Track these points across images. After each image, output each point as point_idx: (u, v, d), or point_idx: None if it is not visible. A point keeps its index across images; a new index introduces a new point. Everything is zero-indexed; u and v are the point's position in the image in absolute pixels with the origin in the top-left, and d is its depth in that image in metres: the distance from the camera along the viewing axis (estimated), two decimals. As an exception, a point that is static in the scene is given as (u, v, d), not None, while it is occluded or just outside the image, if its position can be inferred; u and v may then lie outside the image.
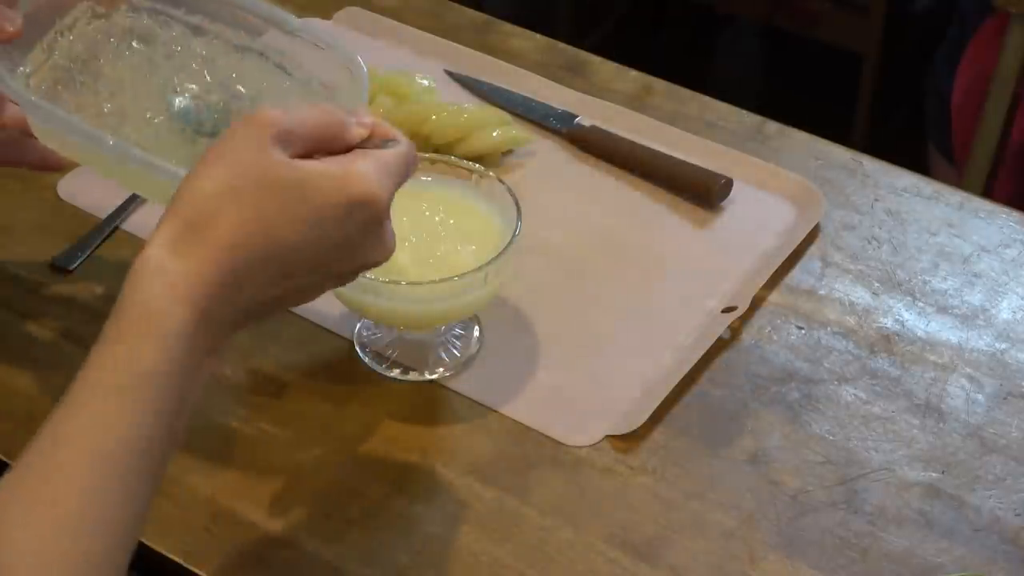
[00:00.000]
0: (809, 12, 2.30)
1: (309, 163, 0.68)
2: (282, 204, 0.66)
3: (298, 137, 0.68)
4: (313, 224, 0.67)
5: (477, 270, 0.86)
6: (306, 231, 0.67)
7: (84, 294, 0.98)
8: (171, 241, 0.65)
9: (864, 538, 0.84)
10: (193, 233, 0.65)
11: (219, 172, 0.66)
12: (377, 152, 0.70)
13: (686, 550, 0.83)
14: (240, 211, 0.65)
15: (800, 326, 0.98)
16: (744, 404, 0.92)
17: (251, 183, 0.66)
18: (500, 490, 0.86)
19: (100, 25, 0.85)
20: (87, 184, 1.06)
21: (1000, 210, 1.08)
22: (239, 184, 0.66)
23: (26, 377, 0.93)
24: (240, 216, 0.65)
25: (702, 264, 1.02)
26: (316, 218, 0.67)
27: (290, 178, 0.66)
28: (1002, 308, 1.00)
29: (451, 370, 0.94)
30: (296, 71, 0.84)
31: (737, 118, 1.15)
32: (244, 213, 0.65)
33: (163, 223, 0.66)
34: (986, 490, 0.87)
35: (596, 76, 1.19)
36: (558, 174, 1.10)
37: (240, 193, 0.66)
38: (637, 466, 0.88)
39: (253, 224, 0.65)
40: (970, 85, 1.74)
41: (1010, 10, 1.55)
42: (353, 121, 0.71)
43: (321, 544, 0.83)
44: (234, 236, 0.65)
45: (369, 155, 0.70)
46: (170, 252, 0.65)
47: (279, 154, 0.67)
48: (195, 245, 0.65)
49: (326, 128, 0.69)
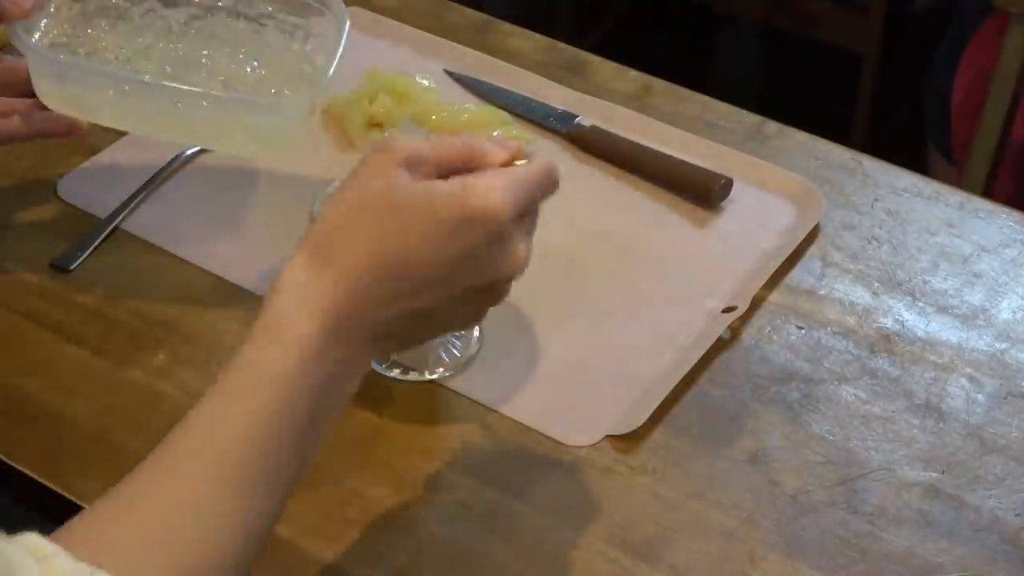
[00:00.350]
0: (809, 12, 2.30)
1: (434, 182, 0.70)
2: (403, 220, 0.69)
3: (427, 160, 0.71)
4: (432, 239, 0.69)
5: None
6: (427, 245, 0.69)
7: (84, 294, 0.98)
8: (304, 264, 0.69)
9: (864, 538, 0.84)
10: (323, 254, 0.69)
11: (348, 197, 0.70)
12: (507, 169, 0.72)
13: (686, 550, 0.83)
14: (365, 230, 0.69)
15: (800, 326, 0.98)
16: (744, 404, 0.92)
17: (375, 203, 0.69)
18: (500, 490, 0.86)
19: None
20: (87, 184, 1.06)
21: (1000, 210, 1.08)
22: (365, 205, 0.69)
23: (26, 377, 0.93)
24: (365, 235, 0.69)
25: (702, 264, 1.02)
26: (434, 233, 0.69)
27: (412, 195, 0.69)
28: (1002, 308, 1.00)
29: (451, 370, 0.94)
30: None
31: (737, 118, 1.15)
32: (369, 231, 0.69)
33: (299, 247, 0.70)
34: (986, 490, 0.87)
35: (596, 76, 1.19)
36: (558, 174, 1.10)
37: (365, 214, 0.69)
38: (637, 466, 0.88)
39: (377, 241, 0.69)
40: (970, 85, 1.74)
41: (1010, 10, 1.55)
42: (494, 146, 0.73)
43: (321, 544, 0.83)
44: (359, 254, 0.69)
45: (497, 171, 0.72)
46: (302, 271, 0.69)
47: (404, 176, 0.70)
48: (325, 264, 0.69)
49: (460, 153, 0.72)
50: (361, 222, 0.69)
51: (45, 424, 0.90)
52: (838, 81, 2.33)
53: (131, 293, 0.98)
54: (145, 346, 0.95)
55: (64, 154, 1.08)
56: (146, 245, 1.02)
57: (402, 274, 0.69)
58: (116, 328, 0.96)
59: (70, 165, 1.08)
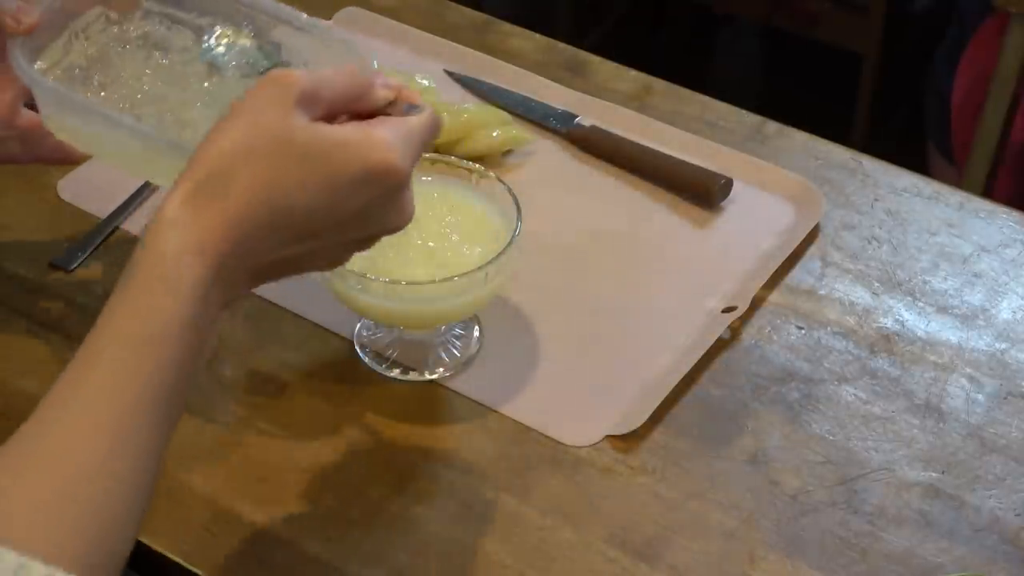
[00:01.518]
0: (809, 12, 2.30)
1: (330, 128, 0.67)
2: (299, 168, 0.66)
3: (322, 99, 0.68)
4: (330, 191, 0.66)
5: (477, 270, 0.86)
6: (322, 197, 0.66)
7: (84, 294, 0.98)
8: (188, 197, 0.66)
9: (864, 538, 0.84)
10: (209, 190, 0.66)
11: (238, 131, 0.66)
12: (400, 120, 0.69)
13: (686, 550, 0.83)
14: (256, 172, 0.66)
15: (800, 326, 0.98)
16: (744, 404, 0.92)
17: (270, 144, 0.66)
18: (500, 490, 0.86)
19: (114, 32, 0.85)
20: (87, 184, 1.06)
21: (1000, 210, 1.08)
22: (257, 144, 0.66)
23: (26, 377, 0.92)
24: (256, 177, 0.66)
25: (702, 264, 1.02)
26: (333, 184, 0.66)
27: (309, 143, 0.66)
28: (1002, 308, 1.00)
29: (451, 370, 0.94)
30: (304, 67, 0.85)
31: (737, 118, 1.15)
32: (260, 174, 0.66)
33: (181, 179, 0.66)
34: (986, 490, 0.87)
35: (596, 76, 1.19)
36: (558, 174, 1.10)
37: (258, 154, 0.66)
38: (637, 466, 0.88)
39: (269, 186, 0.66)
40: (970, 85, 1.74)
41: (1010, 10, 1.55)
42: (379, 83, 0.70)
43: (321, 544, 0.83)
44: (249, 196, 0.65)
45: (391, 122, 0.69)
46: (186, 208, 0.65)
47: (300, 117, 0.67)
48: (211, 202, 0.65)
49: (351, 89, 0.69)
50: (252, 159, 0.66)
51: (45, 424, 0.90)
52: (838, 81, 2.33)
53: (131, 293, 0.98)
54: (145, 346, 0.94)
55: (64, 154, 1.08)
56: (146, 245, 1.02)
57: (291, 220, 0.66)
58: (116, 328, 0.96)
59: (70, 165, 1.08)
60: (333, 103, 0.68)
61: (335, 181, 0.66)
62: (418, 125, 0.70)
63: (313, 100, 0.67)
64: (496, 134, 1.09)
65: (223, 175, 0.66)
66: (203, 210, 0.65)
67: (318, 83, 0.68)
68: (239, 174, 0.65)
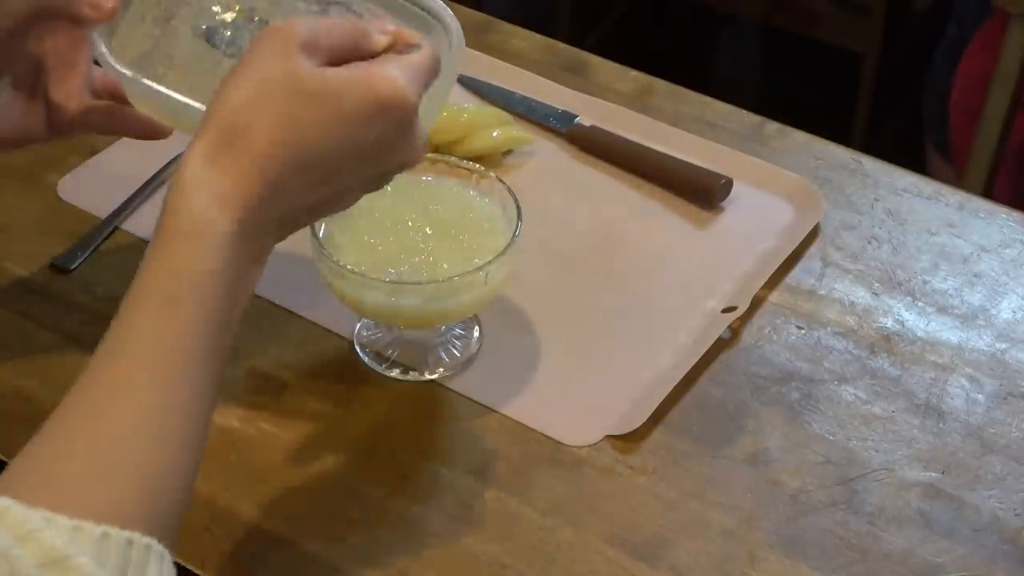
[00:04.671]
0: (809, 12, 2.30)
1: (335, 69, 0.69)
2: (313, 111, 0.67)
3: (323, 46, 0.69)
4: (344, 128, 0.68)
5: (477, 270, 0.86)
6: (338, 136, 0.68)
7: (84, 294, 0.98)
8: (208, 155, 0.67)
9: (864, 538, 0.84)
10: (229, 145, 0.67)
11: (248, 83, 0.68)
12: (402, 56, 0.71)
13: (686, 550, 0.83)
14: (272, 120, 0.67)
15: (800, 326, 0.98)
16: (744, 404, 0.92)
17: (281, 92, 0.67)
18: (500, 490, 0.86)
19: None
20: (87, 184, 1.06)
21: (1000, 210, 1.08)
22: (269, 93, 0.67)
23: (26, 377, 0.93)
24: (273, 125, 0.67)
25: (702, 264, 1.02)
26: (346, 122, 0.68)
27: (318, 85, 0.68)
28: (1002, 308, 1.00)
29: (451, 370, 0.94)
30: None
31: (737, 118, 1.15)
32: (277, 122, 0.67)
33: (198, 138, 0.67)
34: (986, 490, 0.87)
35: (596, 76, 1.19)
36: (558, 174, 1.10)
37: (271, 102, 0.67)
38: (637, 466, 0.88)
39: (286, 132, 0.67)
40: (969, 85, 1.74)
41: (1010, 10, 1.55)
42: (376, 29, 0.72)
43: (321, 544, 0.83)
44: (269, 145, 0.67)
45: (394, 59, 0.71)
46: (208, 165, 0.66)
47: (306, 62, 0.68)
48: (232, 157, 0.66)
49: (350, 36, 0.71)
50: (265, 108, 0.67)
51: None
52: (838, 81, 2.33)
53: (131, 293, 0.98)
54: (145, 346, 0.94)
55: (64, 154, 1.08)
56: (146, 245, 1.01)
57: (312, 163, 0.68)
58: (116, 328, 0.96)
59: (70, 165, 1.08)
60: (332, 49, 0.70)
61: (348, 117, 0.68)
62: (419, 60, 0.72)
63: (314, 48, 0.69)
64: (496, 134, 1.09)
65: (239, 128, 0.67)
66: (223, 164, 0.66)
67: (317, 31, 0.69)
68: (255, 124, 0.67)
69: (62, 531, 0.59)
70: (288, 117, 0.67)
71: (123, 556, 0.60)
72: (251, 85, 0.68)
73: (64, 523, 0.59)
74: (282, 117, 0.67)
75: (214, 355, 0.67)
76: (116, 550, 0.60)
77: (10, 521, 0.59)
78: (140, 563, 0.60)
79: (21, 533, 0.58)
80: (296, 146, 0.67)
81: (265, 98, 0.67)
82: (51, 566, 0.58)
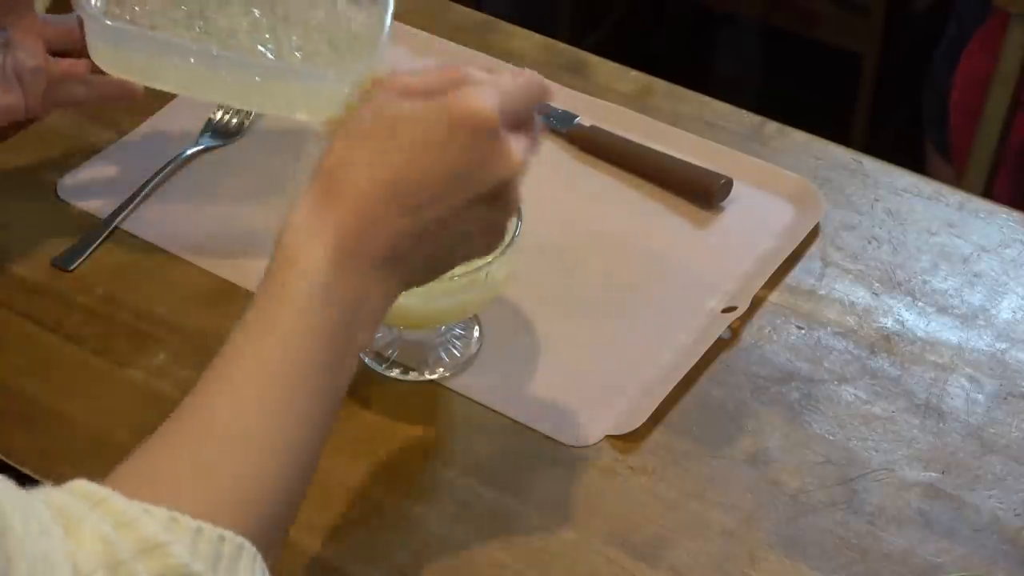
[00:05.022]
0: (809, 12, 2.30)
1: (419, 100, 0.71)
2: (397, 138, 0.70)
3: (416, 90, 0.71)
4: (426, 149, 0.70)
5: (477, 270, 0.86)
6: (422, 156, 0.70)
7: (84, 294, 0.98)
8: (310, 203, 0.70)
9: (864, 538, 0.84)
10: (327, 189, 0.70)
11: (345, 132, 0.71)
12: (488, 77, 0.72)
13: (686, 550, 0.83)
14: (363, 156, 0.70)
15: (800, 326, 0.98)
16: (744, 404, 0.92)
17: (369, 130, 0.70)
18: (500, 490, 0.86)
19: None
20: (87, 184, 1.06)
21: (1000, 210, 1.08)
22: (359, 135, 0.71)
23: (26, 377, 0.93)
24: (363, 160, 0.70)
25: (702, 264, 1.02)
26: (428, 142, 0.70)
27: (401, 114, 0.70)
28: (1002, 308, 1.00)
29: (451, 370, 0.94)
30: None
31: (737, 118, 1.15)
32: (367, 156, 0.70)
33: (304, 191, 0.71)
34: (986, 490, 0.87)
35: (596, 76, 1.19)
36: (558, 174, 1.10)
37: (361, 142, 0.70)
38: (637, 466, 0.88)
39: (375, 165, 0.70)
40: (969, 84, 1.74)
41: (1010, 10, 1.55)
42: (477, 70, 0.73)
43: (321, 544, 0.83)
44: (361, 178, 0.70)
45: (475, 81, 0.72)
46: (309, 212, 0.70)
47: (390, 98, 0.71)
48: (330, 198, 0.70)
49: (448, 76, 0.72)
50: (358, 150, 0.70)
51: (45, 424, 0.90)
52: (838, 81, 2.33)
53: (131, 293, 0.98)
54: (145, 346, 0.95)
55: (64, 154, 1.08)
56: (146, 245, 1.02)
57: (403, 188, 0.69)
58: (116, 328, 0.96)
59: (70, 165, 1.08)
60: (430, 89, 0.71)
61: (430, 138, 0.70)
62: (507, 79, 0.73)
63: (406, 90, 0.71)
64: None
65: (336, 172, 0.70)
66: (324, 207, 0.69)
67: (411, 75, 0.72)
68: (350, 164, 0.70)
69: (159, 521, 0.61)
70: (378, 152, 0.70)
71: (215, 550, 0.62)
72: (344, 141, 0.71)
73: (161, 514, 0.61)
74: (372, 153, 0.70)
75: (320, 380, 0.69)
76: (209, 544, 0.62)
77: (110, 509, 0.61)
78: (232, 558, 0.62)
79: (121, 521, 0.61)
80: (384, 174, 0.69)
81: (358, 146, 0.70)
82: (147, 552, 0.60)
